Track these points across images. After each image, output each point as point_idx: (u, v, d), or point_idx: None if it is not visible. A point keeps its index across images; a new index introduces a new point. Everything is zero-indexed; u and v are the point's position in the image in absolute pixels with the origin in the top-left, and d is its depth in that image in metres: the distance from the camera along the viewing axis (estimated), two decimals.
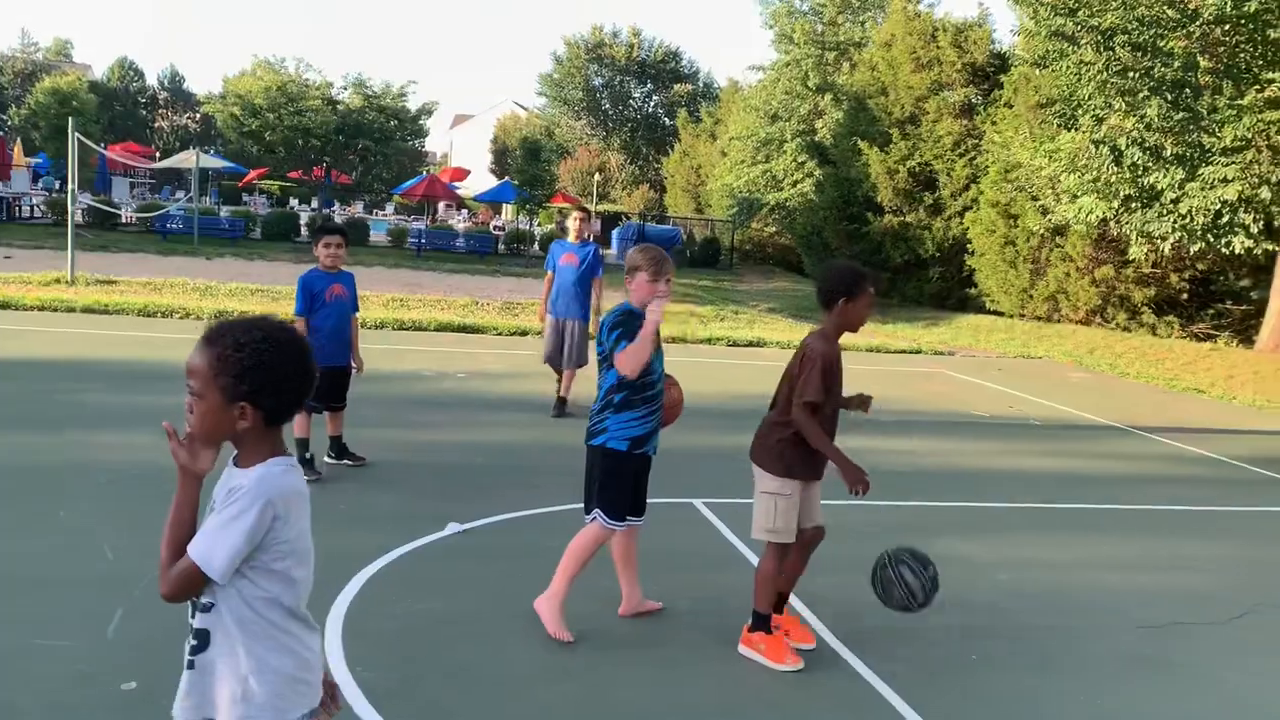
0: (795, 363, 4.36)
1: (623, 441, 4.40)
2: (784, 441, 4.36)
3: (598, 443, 4.44)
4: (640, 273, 4.40)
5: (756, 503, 4.42)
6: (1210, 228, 15.52)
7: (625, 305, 4.45)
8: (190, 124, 70.38)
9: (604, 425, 4.42)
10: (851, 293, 4.28)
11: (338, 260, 6.70)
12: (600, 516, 4.43)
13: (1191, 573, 6.17)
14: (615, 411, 4.40)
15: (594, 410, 4.50)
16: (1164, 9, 13.85)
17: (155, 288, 16.17)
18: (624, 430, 4.40)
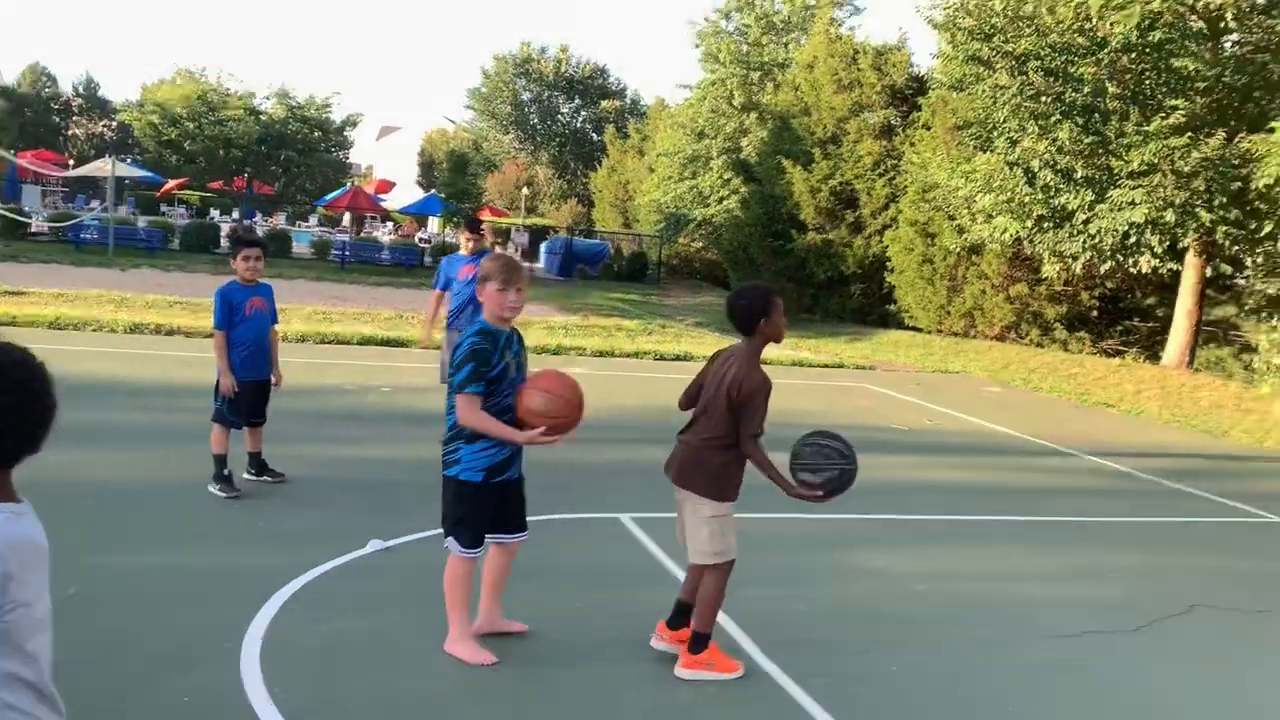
0: (729, 393, 4.29)
1: (477, 473, 4.24)
2: (723, 466, 4.37)
3: (451, 473, 4.27)
4: (490, 282, 4.20)
5: (698, 529, 4.36)
6: (1119, 248, 16.08)
7: (480, 324, 4.24)
8: (106, 132, 68.55)
9: (457, 456, 4.25)
10: (767, 312, 4.35)
11: (256, 273, 6.58)
12: (452, 545, 4.30)
13: (1101, 582, 6.37)
14: (467, 442, 4.22)
15: (447, 435, 4.29)
16: (1074, 36, 14.34)
17: (68, 299, 15.69)
18: (477, 460, 4.24)
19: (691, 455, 4.44)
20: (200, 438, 6.76)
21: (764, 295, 4.39)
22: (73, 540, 5.40)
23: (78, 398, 9.14)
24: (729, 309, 4.46)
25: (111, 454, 7.30)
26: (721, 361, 4.48)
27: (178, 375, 10.70)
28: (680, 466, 4.47)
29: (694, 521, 4.37)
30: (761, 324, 4.34)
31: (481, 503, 4.29)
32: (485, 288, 4.23)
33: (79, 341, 12.47)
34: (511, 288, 4.22)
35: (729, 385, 4.29)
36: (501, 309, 4.25)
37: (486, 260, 4.37)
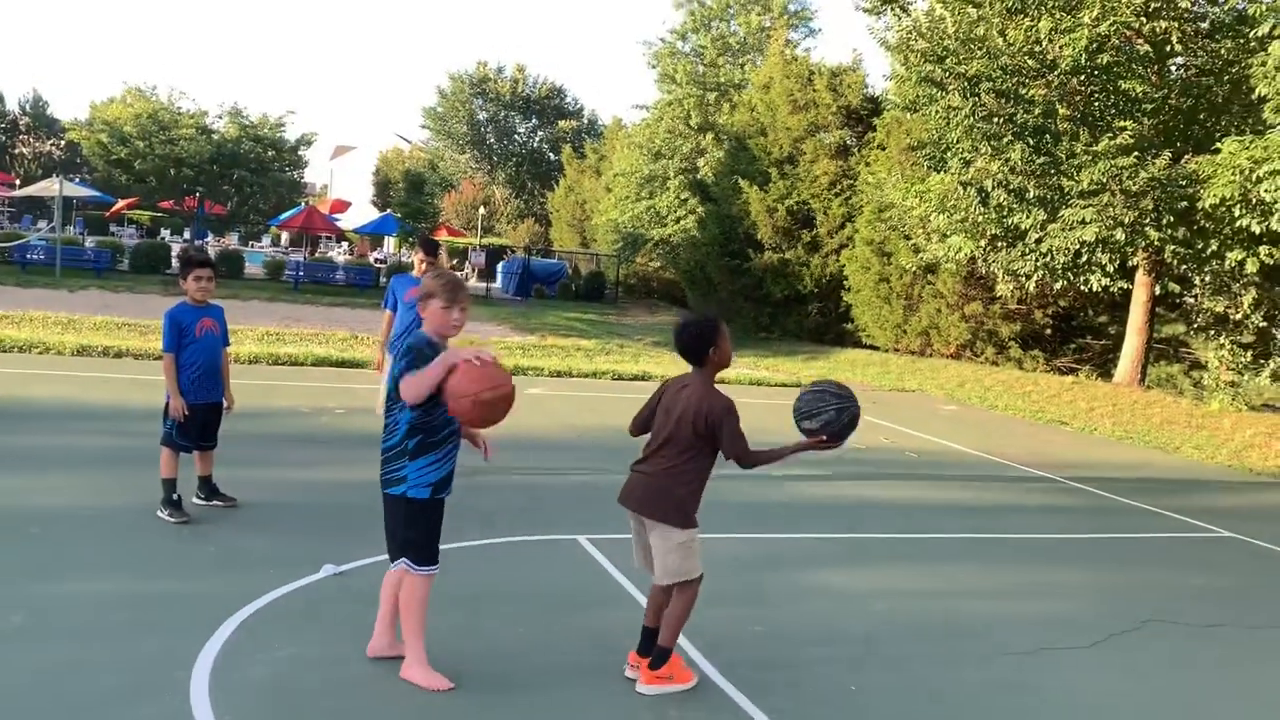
0: (694, 424, 4.36)
1: (424, 489, 4.19)
2: (689, 494, 4.43)
3: (397, 492, 4.19)
4: (434, 299, 4.17)
5: (668, 555, 4.38)
6: (1070, 266, 16.33)
7: (424, 337, 4.19)
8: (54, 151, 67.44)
9: (402, 474, 4.18)
10: (714, 340, 4.44)
11: (207, 293, 6.46)
12: (409, 567, 4.23)
13: (1056, 599, 6.42)
14: (411, 458, 4.16)
15: (386, 453, 4.21)
16: (1025, 59, 14.58)
17: (12, 321, 15.36)
18: (423, 476, 4.18)
19: (654, 485, 4.46)
20: (149, 462, 6.62)
21: (710, 324, 4.49)
22: (18, 567, 5.26)
23: (23, 422, 8.94)
24: (677, 340, 4.52)
25: (58, 479, 7.13)
26: (675, 391, 4.54)
27: (126, 398, 10.49)
28: (643, 497, 4.48)
29: (663, 547, 4.40)
30: (710, 353, 4.44)
31: (432, 519, 4.24)
32: (429, 305, 4.18)
33: (24, 364, 12.19)
34: (456, 306, 4.20)
35: (695, 417, 4.35)
36: (445, 327, 4.22)
37: (430, 278, 4.28)
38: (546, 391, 13.72)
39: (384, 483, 4.25)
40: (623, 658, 4.64)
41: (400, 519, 4.24)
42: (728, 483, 9.02)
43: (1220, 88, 14.99)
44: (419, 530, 4.23)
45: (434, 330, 4.21)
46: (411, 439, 4.15)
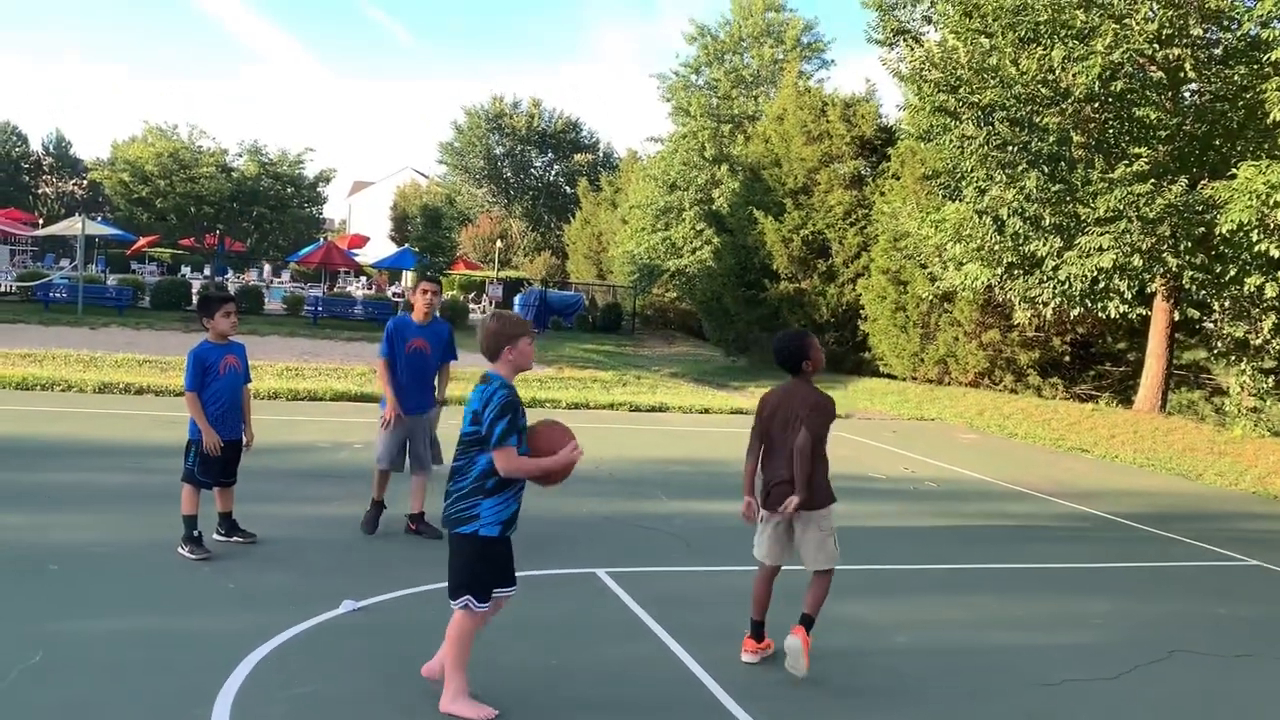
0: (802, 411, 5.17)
1: (495, 527, 4.25)
2: (823, 477, 5.24)
3: (468, 530, 4.23)
4: (523, 339, 4.31)
5: (823, 540, 5.19)
6: (1088, 293, 16.26)
7: (500, 379, 4.25)
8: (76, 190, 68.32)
9: (475, 512, 4.22)
10: (808, 353, 5.26)
11: (235, 327, 6.57)
12: (471, 603, 4.26)
13: (1082, 629, 6.34)
14: (487, 496, 4.22)
15: (459, 493, 4.26)
16: (1039, 87, 14.60)
17: (35, 359, 15.51)
18: (496, 515, 4.25)
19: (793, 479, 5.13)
20: (169, 498, 6.66)
21: (801, 338, 5.33)
22: (37, 605, 5.28)
23: (45, 459, 9.01)
24: (777, 356, 5.37)
25: (78, 516, 7.16)
26: (779, 399, 5.33)
27: (147, 435, 10.56)
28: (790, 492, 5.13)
29: (819, 537, 5.18)
30: (805, 364, 5.27)
31: (498, 557, 4.31)
32: (519, 344, 4.30)
33: (47, 402, 12.30)
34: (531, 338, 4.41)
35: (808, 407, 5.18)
36: (529, 362, 4.41)
37: (506, 320, 4.37)
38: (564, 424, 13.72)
39: (452, 521, 4.28)
40: (641, 690, 4.62)
41: (466, 556, 4.27)
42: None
43: (1235, 113, 14.95)
44: (484, 567, 4.28)
45: (521, 367, 4.35)
46: (491, 479, 4.20)
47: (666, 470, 10.90)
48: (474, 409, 4.20)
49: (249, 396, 6.75)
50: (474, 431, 4.20)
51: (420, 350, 7.17)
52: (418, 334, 7.18)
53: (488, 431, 4.14)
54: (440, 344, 7.33)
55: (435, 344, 7.28)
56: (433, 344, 7.26)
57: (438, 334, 7.31)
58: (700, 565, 7.12)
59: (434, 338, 7.28)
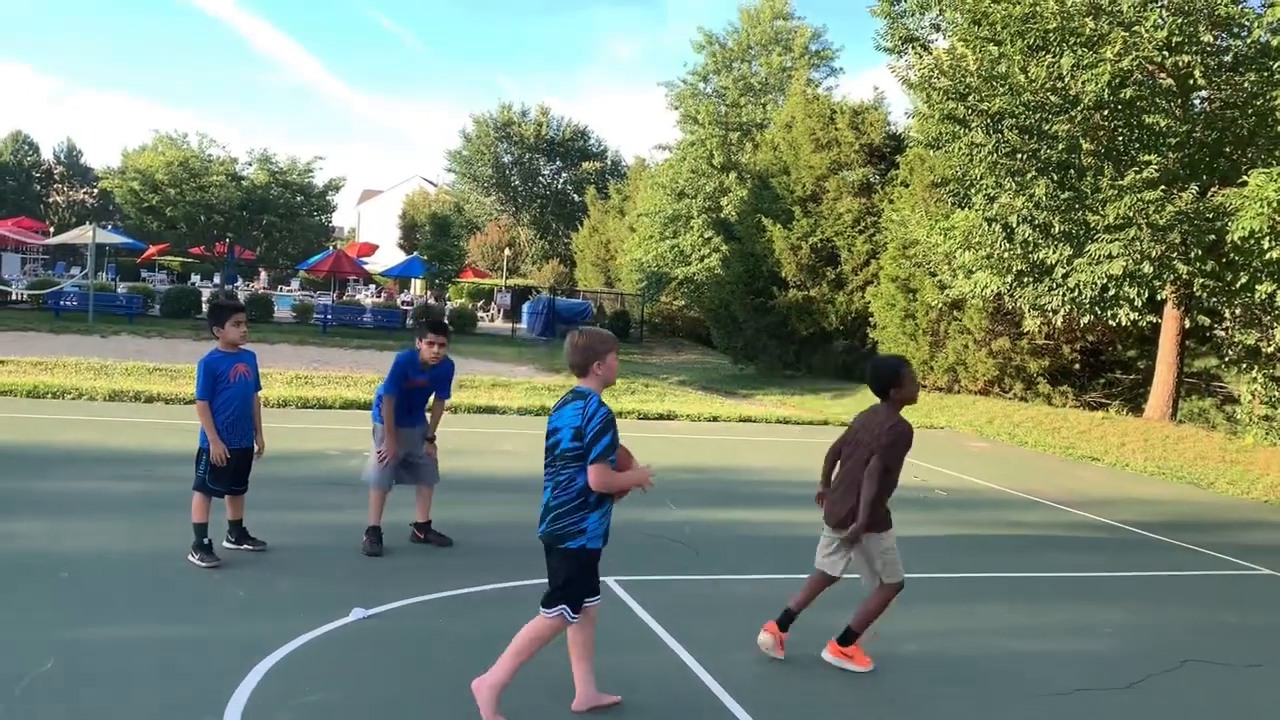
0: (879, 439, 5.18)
1: (599, 540, 4.37)
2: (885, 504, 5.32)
3: (575, 545, 4.31)
4: (611, 355, 4.43)
5: (880, 559, 5.29)
6: (1098, 301, 16.21)
7: (596, 395, 4.37)
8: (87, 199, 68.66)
9: (581, 526, 4.30)
10: (897, 382, 5.28)
11: (246, 337, 6.59)
12: (567, 613, 4.34)
13: (1093, 639, 6.31)
14: (592, 510, 4.31)
15: (562, 509, 4.31)
16: (1048, 95, 14.58)
17: (46, 367, 15.58)
18: (599, 528, 4.36)
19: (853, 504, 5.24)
20: (179, 506, 6.68)
21: (893, 367, 5.35)
22: (48, 613, 5.30)
23: (56, 466, 9.04)
24: (868, 378, 5.47)
25: (89, 524, 7.19)
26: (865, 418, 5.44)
27: (157, 443, 10.59)
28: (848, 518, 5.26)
29: (875, 556, 5.30)
30: (893, 391, 5.29)
31: (596, 567, 4.44)
32: (608, 359, 4.42)
33: (58, 410, 12.35)
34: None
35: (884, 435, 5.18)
36: (615, 376, 4.54)
37: (601, 335, 4.46)
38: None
39: (558, 537, 4.33)
40: (650, 699, 4.61)
41: (572, 570, 4.34)
42: (755, 523, 8.98)
43: (1245, 120, 14.91)
44: (586, 578, 4.38)
45: (608, 382, 4.47)
46: (593, 494, 4.29)
47: (674, 478, 10.89)
48: (575, 425, 4.26)
49: (259, 404, 6.76)
50: (576, 448, 4.25)
51: (420, 388, 7.14)
52: (421, 376, 7.10)
53: (589, 447, 4.21)
54: (440, 382, 7.27)
55: (434, 382, 7.22)
56: (431, 381, 7.20)
57: (441, 373, 7.22)
58: (709, 574, 7.11)
59: (435, 377, 7.20)
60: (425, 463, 7.22)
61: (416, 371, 7.04)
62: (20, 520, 7.10)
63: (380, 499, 7.07)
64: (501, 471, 10.55)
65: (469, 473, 10.18)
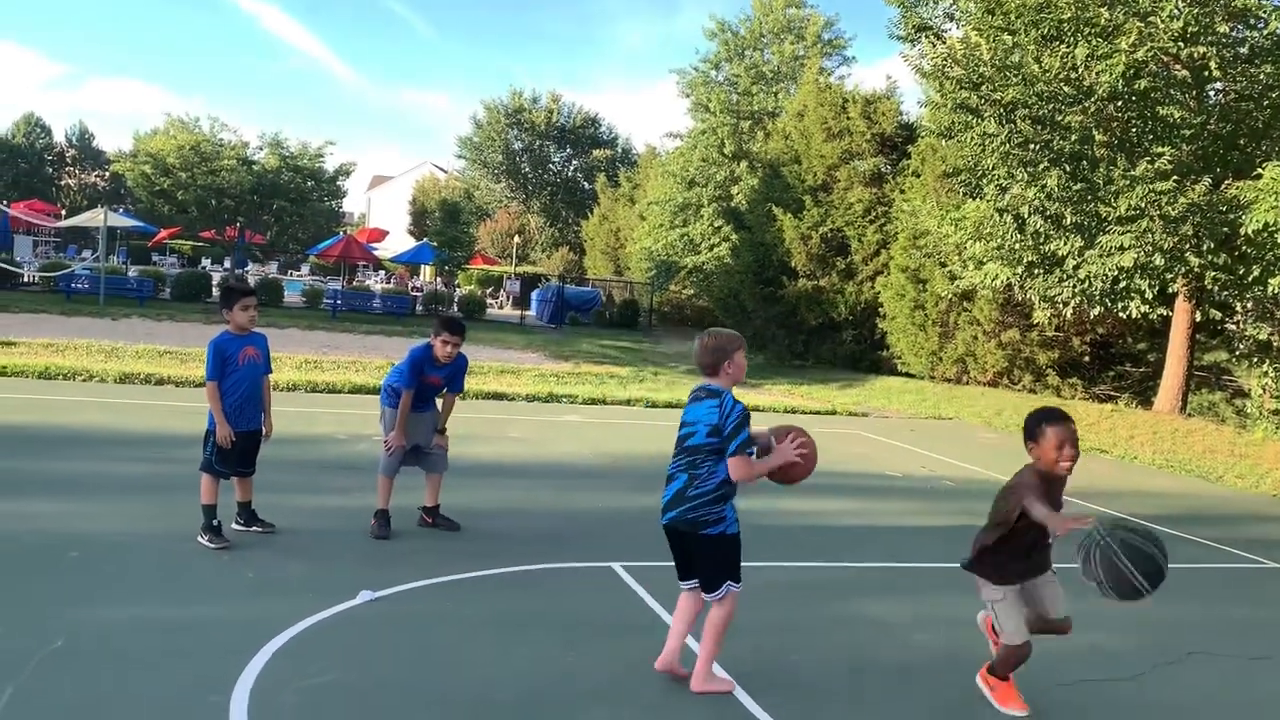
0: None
1: (736, 524, 4.61)
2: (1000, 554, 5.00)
3: (716, 531, 4.53)
4: (741, 352, 4.60)
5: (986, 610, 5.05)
6: (1108, 293, 16.15)
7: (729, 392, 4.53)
8: (99, 182, 68.81)
9: (721, 514, 4.52)
10: (1033, 436, 4.94)
11: (254, 321, 6.61)
12: (732, 585, 4.59)
13: (1097, 630, 6.30)
14: (728, 500, 4.55)
15: (702, 500, 4.51)
16: (1061, 85, 14.51)
17: (57, 349, 15.64)
18: (735, 513, 4.61)
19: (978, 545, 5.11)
20: (189, 488, 6.71)
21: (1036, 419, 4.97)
22: (57, 592, 5.34)
23: (66, 448, 9.08)
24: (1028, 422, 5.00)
25: (99, 505, 7.23)
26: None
27: (167, 425, 10.64)
28: None
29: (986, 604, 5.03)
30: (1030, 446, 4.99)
31: (739, 544, 4.65)
32: (736, 358, 4.57)
33: (69, 392, 12.41)
34: None
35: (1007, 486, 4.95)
36: (743, 374, 4.66)
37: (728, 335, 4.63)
38: (581, 419, 13.73)
39: (697, 524, 4.53)
40: (656, 686, 4.64)
41: (720, 553, 4.57)
42: (765, 511, 8.98)
43: (1261, 113, 14.82)
44: (737, 555, 4.62)
45: (737, 380, 4.62)
46: (730, 485, 4.50)
47: None
48: (712, 422, 4.46)
49: (269, 387, 6.79)
50: (713, 443, 4.46)
51: (433, 384, 7.14)
52: (435, 372, 7.09)
53: (727, 441, 4.41)
54: (454, 377, 7.25)
55: (448, 378, 7.21)
56: (445, 378, 7.19)
57: (455, 368, 7.19)
58: None
59: (449, 372, 7.18)
60: (435, 452, 7.23)
61: (432, 368, 7.03)
62: (31, 500, 7.14)
63: (388, 484, 7.10)
64: (509, 457, 10.57)
65: (477, 458, 10.21)
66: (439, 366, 7.06)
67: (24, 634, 4.70)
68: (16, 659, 4.41)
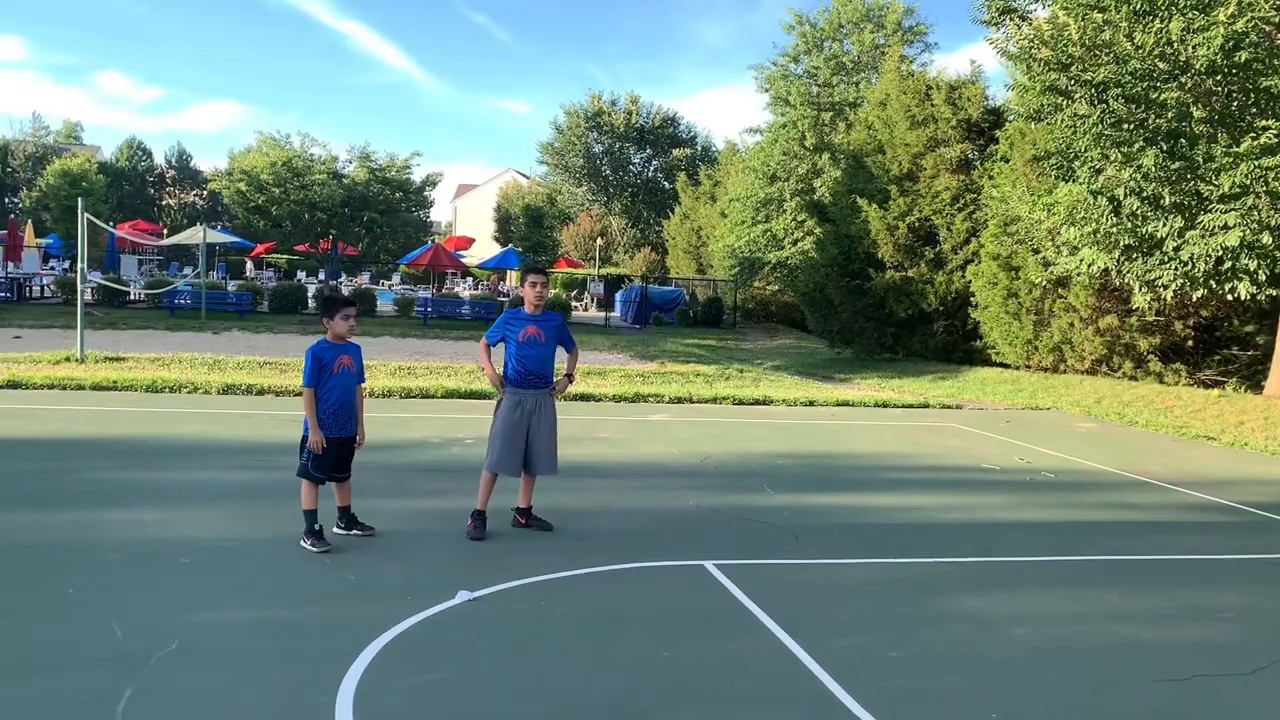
0: None
1: None
2: None
3: None
4: None
5: None
6: (1213, 274, 15.55)
7: None
8: (197, 200, 71.26)
9: None
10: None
11: (353, 330, 6.80)
12: None
13: (1210, 623, 6.08)
14: None
15: None
16: (1156, 62, 14.03)
17: (163, 363, 16.25)
18: None
19: None
20: (290, 494, 6.91)
21: None
22: (172, 596, 5.54)
23: (174, 458, 9.42)
24: None
25: (207, 512, 7.48)
26: None
27: (269, 433, 10.96)
28: None
29: None
30: None
31: None
32: None
33: (175, 404, 12.87)
34: None
35: None
36: None
37: None
38: (667, 418, 13.74)
39: None
40: (753, 683, 4.59)
41: None
42: (856, 508, 8.88)
43: None
44: None
45: None
46: None
47: (771, 463, 10.83)
48: None
49: (362, 396, 6.95)
50: None
51: (534, 337, 7.10)
52: (530, 322, 7.14)
53: None
54: (554, 332, 7.23)
55: (550, 333, 7.19)
56: (547, 332, 7.17)
57: (550, 322, 7.22)
58: (809, 558, 7.05)
59: (547, 325, 7.20)
60: (548, 452, 7.16)
61: (525, 320, 7.10)
62: (143, 509, 7.42)
63: (490, 483, 7.17)
64: (598, 458, 10.64)
65: (566, 459, 10.28)
66: (533, 317, 7.12)
67: (141, 637, 4.89)
68: (135, 660, 4.59)
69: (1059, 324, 20.77)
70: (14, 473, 8.49)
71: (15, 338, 19.99)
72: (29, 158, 64.84)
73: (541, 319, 7.19)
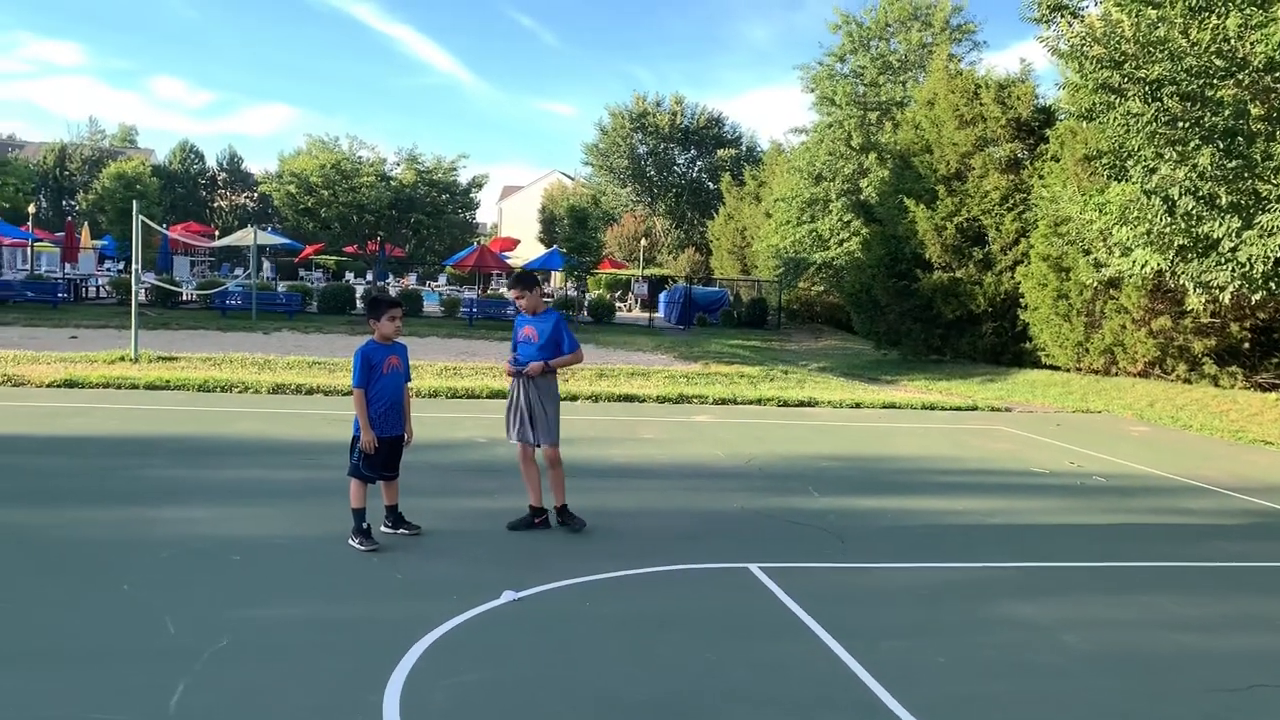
0: None
1: None
2: None
3: None
4: None
5: None
6: (1272, 275, 15.21)
7: None
8: (248, 203, 72.33)
9: None
10: None
11: (400, 331, 6.88)
12: None
13: (1269, 633, 5.95)
14: None
15: None
16: (1212, 59, 13.75)
17: (215, 363, 16.51)
18: None
19: None
20: (339, 492, 6.99)
21: None
22: (223, 592, 5.63)
23: (225, 457, 9.57)
24: None
25: (257, 509, 7.59)
26: None
27: (318, 433, 11.10)
28: None
29: None
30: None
31: None
32: None
33: (226, 403, 13.07)
34: None
35: None
36: None
37: None
38: (712, 420, 13.71)
39: None
40: (798, 687, 4.57)
41: None
42: (904, 511, 8.80)
43: None
44: None
45: None
46: None
47: (816, 465, 10.77)
48: None
49: (409, 396, 7.02)
50: None
51: (529, 337, 7.44)
52: (527, 323, 7.49)
53: None
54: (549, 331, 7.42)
55: (543, 331, 7.41)
56: (541, 332, 7.40)
57: (545, 323, 7.44)
58: (854, 562, 7.00)
59: (541, 326, 7.42)
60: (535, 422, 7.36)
61: (525, 320, 7.58)
62: (196, 507, 7.55)
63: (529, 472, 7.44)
64: (642, 459, 10.64)
65: (609, 460, 10.32)
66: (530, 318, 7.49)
67: (193, 633, 4.98)
68: (187, 656, 4.67)
69: (1110, 326, 20.44)
70: (70, 470, 8.68)
71: (72, 338, 20.44)
72: (86, 161, 66.22)
73: (538, 320, 7.47)
